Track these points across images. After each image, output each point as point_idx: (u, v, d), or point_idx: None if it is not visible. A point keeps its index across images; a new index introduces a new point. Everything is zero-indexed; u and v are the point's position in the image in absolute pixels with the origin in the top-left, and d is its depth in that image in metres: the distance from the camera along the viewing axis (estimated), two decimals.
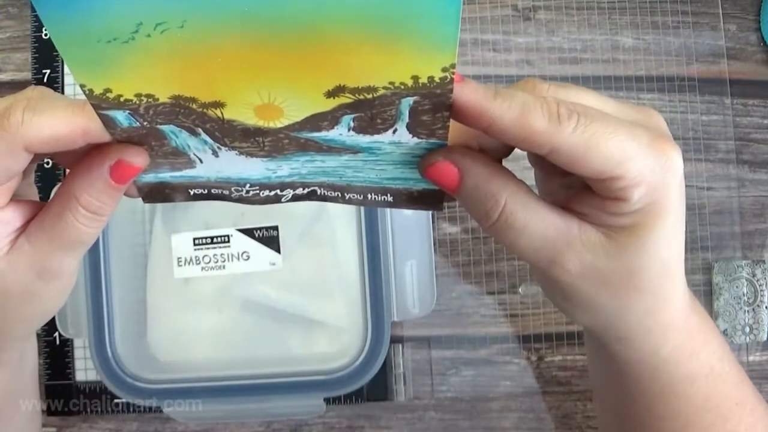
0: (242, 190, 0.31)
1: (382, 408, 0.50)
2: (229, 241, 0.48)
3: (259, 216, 0.48)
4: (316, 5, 0.21)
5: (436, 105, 0.25)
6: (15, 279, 0.28)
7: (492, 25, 0.50)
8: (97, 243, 0.47)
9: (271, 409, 0.47)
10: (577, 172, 0.26)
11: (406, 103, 0.25)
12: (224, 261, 0.48)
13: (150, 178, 0.29)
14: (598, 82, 0.50)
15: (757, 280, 0.48)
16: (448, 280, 0.50)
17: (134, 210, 0.49)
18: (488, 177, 0.27)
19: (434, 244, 0.49)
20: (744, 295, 0.48)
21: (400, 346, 0.49)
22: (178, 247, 0.49)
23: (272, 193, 0.31)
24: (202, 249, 0.49)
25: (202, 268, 0.49)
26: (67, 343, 0.50)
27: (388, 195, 0.31)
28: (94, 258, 0.47)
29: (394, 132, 0.27)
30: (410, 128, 0.26)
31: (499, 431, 0.49)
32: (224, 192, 0.31)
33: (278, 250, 0.48)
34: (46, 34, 0.51)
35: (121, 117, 0.25)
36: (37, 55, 0.51)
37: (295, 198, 0.32)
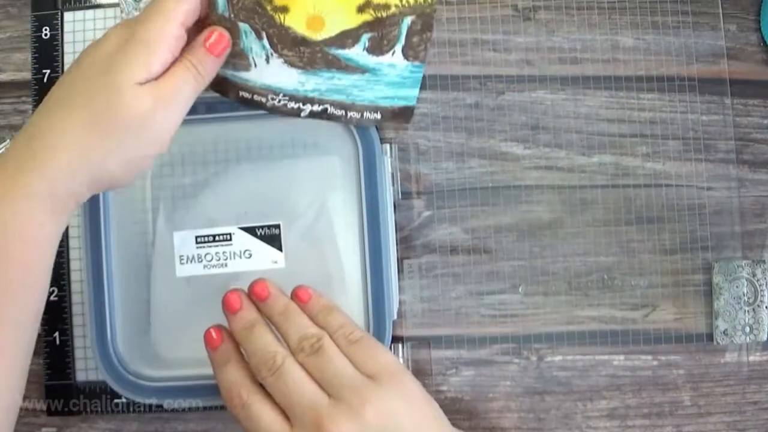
0: (276, 99, 0.39)
1: None
2: (231, 240, 0.48)
3: (261, 214, 0.48)
4: None
5: (423, 25, 0.33)
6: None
7: (492, 25, 0.50)
8: (99, 241, 0.47)
9: None
10: None
11: (406, 23, 0.34)
12: (226, 259, 0.48)
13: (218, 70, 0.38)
14: (598, 82, 0.50)
15: (757, 280, 0.48)
16: (448, 280, 0.50)
17: (137, 208, 0.49)
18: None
19: (434, 244, 0.49)
20: (744, 295, 0.48)
21: (400, 345, 0.49)
22: (181, 245, 0.49)
23: (296, 105, 0.39)
24: (204, 247, 0.49)
25: (204, 266, 0.49)
26: (67, 343, 0.50)
27: (378, 113, 0.39)
28: (96, 256, 0.47)
29: (393, 54, 0.36)
30: (404, 51, 0.36)
31: (499, 431, 0.49)
32: (262, 99, 0.39)
33: (280, 249, 0.48)
34: (46, 34, 0.51)
35: (220, 2, 0.36)
36: (37, 55, 0.51)
37: (311, 114, 0.39)
